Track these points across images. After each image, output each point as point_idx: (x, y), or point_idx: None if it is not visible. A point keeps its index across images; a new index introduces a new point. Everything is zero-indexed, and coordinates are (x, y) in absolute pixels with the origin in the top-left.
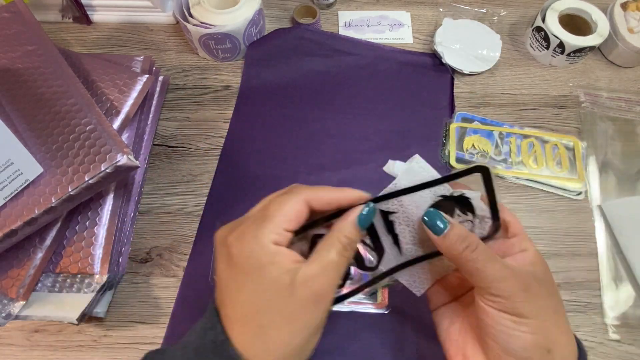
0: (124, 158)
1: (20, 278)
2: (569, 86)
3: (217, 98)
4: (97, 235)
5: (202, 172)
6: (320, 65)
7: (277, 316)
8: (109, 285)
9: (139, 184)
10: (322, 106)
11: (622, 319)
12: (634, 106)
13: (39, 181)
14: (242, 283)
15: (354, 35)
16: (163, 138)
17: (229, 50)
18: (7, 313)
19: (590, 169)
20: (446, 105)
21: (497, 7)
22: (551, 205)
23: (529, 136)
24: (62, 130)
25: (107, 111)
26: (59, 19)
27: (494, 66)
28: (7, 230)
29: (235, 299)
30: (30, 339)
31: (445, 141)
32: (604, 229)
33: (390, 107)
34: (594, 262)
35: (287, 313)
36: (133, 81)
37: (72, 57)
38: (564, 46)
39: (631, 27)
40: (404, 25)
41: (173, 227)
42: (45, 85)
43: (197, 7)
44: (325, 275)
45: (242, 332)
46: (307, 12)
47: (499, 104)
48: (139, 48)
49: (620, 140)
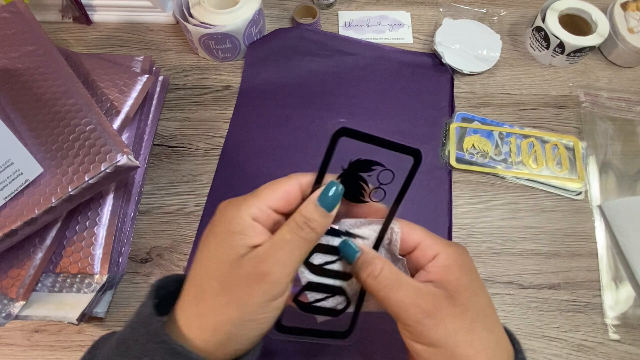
0: (124, 158)
1: (20, 278)
2: (569, 86)
3: (217, 98)
4: (97, 235)
5: (202, 172)
6: (320, 65)
7: (217, 283)
8: (109, 285)
9: (139, 184)
10: (322, 106)
11: (622, 319)
12: (634, 106)
13: (39, 181)
14: (207, 245)
15: (354, 35)
16: (163, 138)
17: (229, 50)
18: (7, 313)
19: (590, 169)
20: (446, 105)
21: (497, 7)
22: (551, 205)
23: (529, 136)
24: (62, 130)
25: (107, 111)
26: (59, 19)
27: (494, 66)
28: (7, 230)
29: (196, 258)
30: (30, 339)
31: (445, 141)
32: (604, 229)
33: (390, 107)
34: (594, 262)
35: (227, 283)
36: (133, 81)
37: (72, 57)
38: (564, 46)
39: (631, 27)
40: (404, 25)
41: (173, 227)
42: (45, 85)
43: (197, 7)
44: (273, 252)
45: (185, 292)
46: (307, 12)
47: (499, 104)
48: (139, 48)
49: (620, 140)
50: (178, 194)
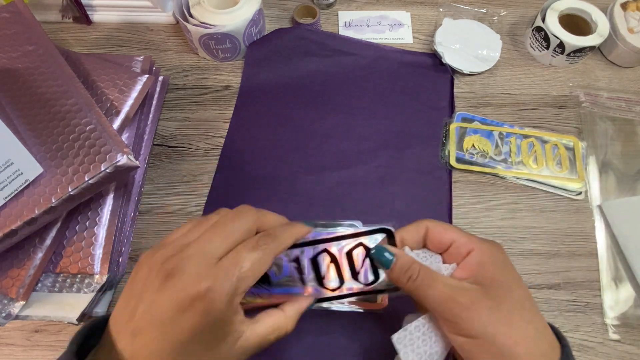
0: (124, 158)
1: (20, 278)
2: (569, 86)
3: (217, 98)
4: (97, 235)
5: (202, 172)
6: (320, 65)
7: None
8: (109, 285)
9: (139, 184)
10: (322, 106)
11: (622, 319)
12: (634, 106)
13: (39, 181)
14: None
15: (354, 35)
16: (163, 138)
17: (229, 50)
18: (7, 313)
19: (590, 169)
20: (446, 105)
21: (497, 7)
22: (551, 205)
23: (529, 136)
24: (62, 130)
25: (107, 111)
26: (59, 19)
27: (494, 66)
28: (7, 230)
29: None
30: (30, 339)
31: (445, 141)
32: (604, 229)
33: (390, 107)
34: (594, 262)
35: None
36: (133, 81)
37: (72, 57)
38: (564, 46)
39: (631, 27)
40: (404, 25)
41: (173, 227)
42: (45, 85)
43: (197, 7)
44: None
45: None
46: (307, 12)
47: (499, 104)
48: (139, 48)
49: (620, 140)
50: (178, 194)
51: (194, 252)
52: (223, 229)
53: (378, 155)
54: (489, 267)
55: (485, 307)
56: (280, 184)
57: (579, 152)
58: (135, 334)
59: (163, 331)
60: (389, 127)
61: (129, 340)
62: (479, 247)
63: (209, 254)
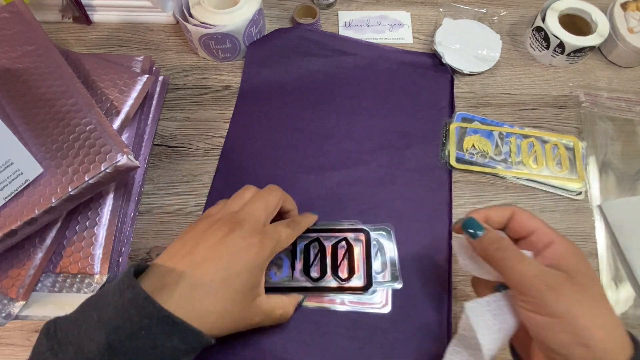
0: (124, 158)
1: (20, 278)
2: (569, 86)
3: (217, 98)
4: (97, 235)
5: (202, 172)
6: (320, 65)
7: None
8: None
9: (139, 184)
10: (322, 106)
11: (622, 319)
12: (634, 106)
13: (39, 181)
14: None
15: (354, 35)
16: (163, 138)
17: (229, 50)
18: (7, 313)
19: (590, 169)
20: (446, 105)
21: (497, 7)
22: (551, 205)
23: (529, 136)
24: (62, 130)
25: (107, 111)
26: (59, 19)
27: (494, 66)
28: (7, 230)
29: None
30: (30, 339)
31: (445, 141)
32: (604, 229)
33: (390, 107)
34: (594, 262)
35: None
36: (133, 81)
37: (72, 57)
38: (564, 46)
39: (631, 27)
40: (404, 25)
41: (173, 227)
42: (45, 85)
43: (197, 7)
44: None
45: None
46: (307, 12)
47: (499, 104)
48: (139, 48)
49: (620, 140)
50: (178, 194)
51: (246, 215)
52: (263, 201)
53: (378, 155)
54: (572, 259)
55: (571, 290)
56: (280, 184)
57: (579, 152)
58: (195, 264)
59: (219, 263)
60: (389, 127)
61: (187, 268)
62: (561, 240)
63: (258, 218)
